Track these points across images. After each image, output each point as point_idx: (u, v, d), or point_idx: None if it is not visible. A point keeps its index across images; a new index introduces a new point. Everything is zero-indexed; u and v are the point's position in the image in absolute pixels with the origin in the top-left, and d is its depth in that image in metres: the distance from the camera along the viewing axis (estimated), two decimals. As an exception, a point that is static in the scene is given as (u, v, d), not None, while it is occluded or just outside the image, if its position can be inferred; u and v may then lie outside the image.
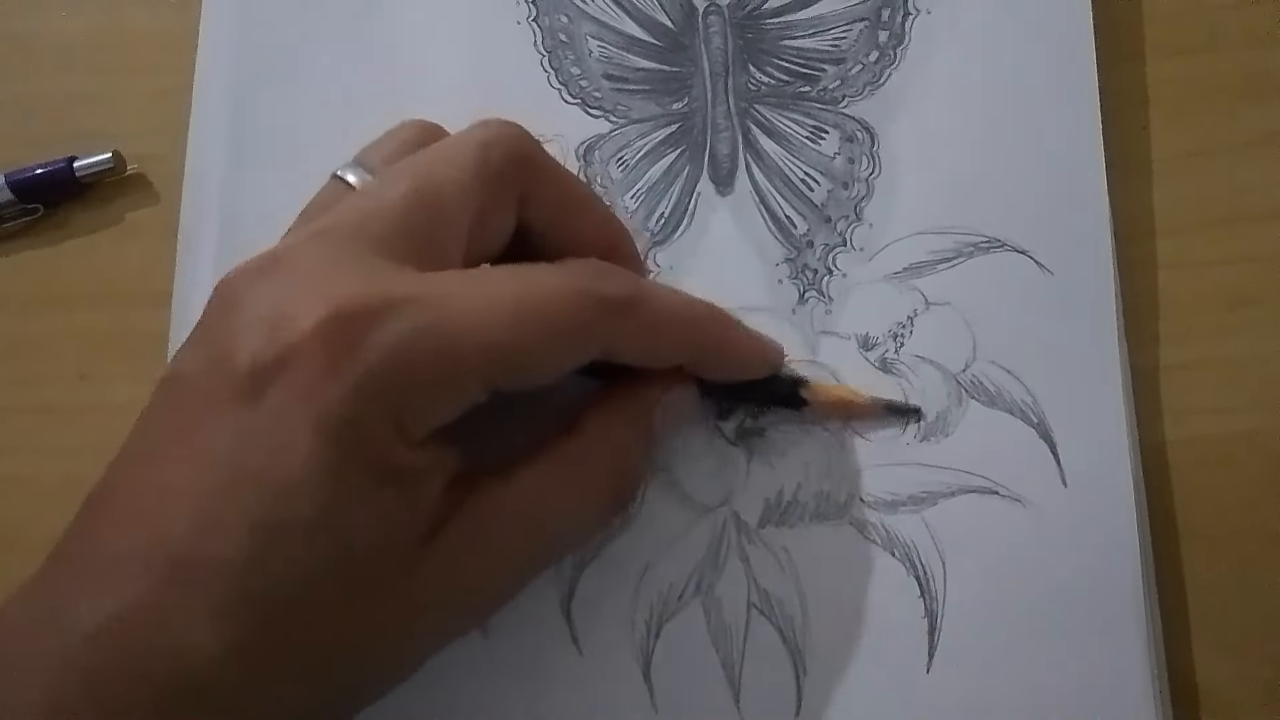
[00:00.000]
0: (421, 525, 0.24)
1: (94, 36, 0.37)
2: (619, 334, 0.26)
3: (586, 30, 0.34)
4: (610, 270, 0.27)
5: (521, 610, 0.29)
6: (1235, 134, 0.32)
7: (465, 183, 0.26)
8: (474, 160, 0.26)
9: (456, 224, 0.26)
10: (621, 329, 0.26)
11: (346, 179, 0.27)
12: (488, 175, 0.26)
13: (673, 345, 0.27)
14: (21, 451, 0.34)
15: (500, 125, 0.27)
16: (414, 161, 0.26)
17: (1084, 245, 0.30)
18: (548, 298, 0.25)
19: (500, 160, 0.26)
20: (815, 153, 0.32)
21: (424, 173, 0.26)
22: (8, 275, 0.35)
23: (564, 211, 0.28)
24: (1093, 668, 0.27)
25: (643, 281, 0.28)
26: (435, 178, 0.26)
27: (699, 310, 0.28)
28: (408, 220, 0.25)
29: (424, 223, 0.25)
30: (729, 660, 0.29)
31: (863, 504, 0.29)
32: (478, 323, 0.24)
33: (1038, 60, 0.32)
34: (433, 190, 0.25)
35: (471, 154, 0.26)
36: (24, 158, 0.35)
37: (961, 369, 0.30)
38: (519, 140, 0.27)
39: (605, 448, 0.27)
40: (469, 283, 0.25)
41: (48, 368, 0.34)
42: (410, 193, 0.25)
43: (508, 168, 0.26)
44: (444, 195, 0.25)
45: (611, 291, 0.25)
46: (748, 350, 0.29)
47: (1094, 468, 0.29)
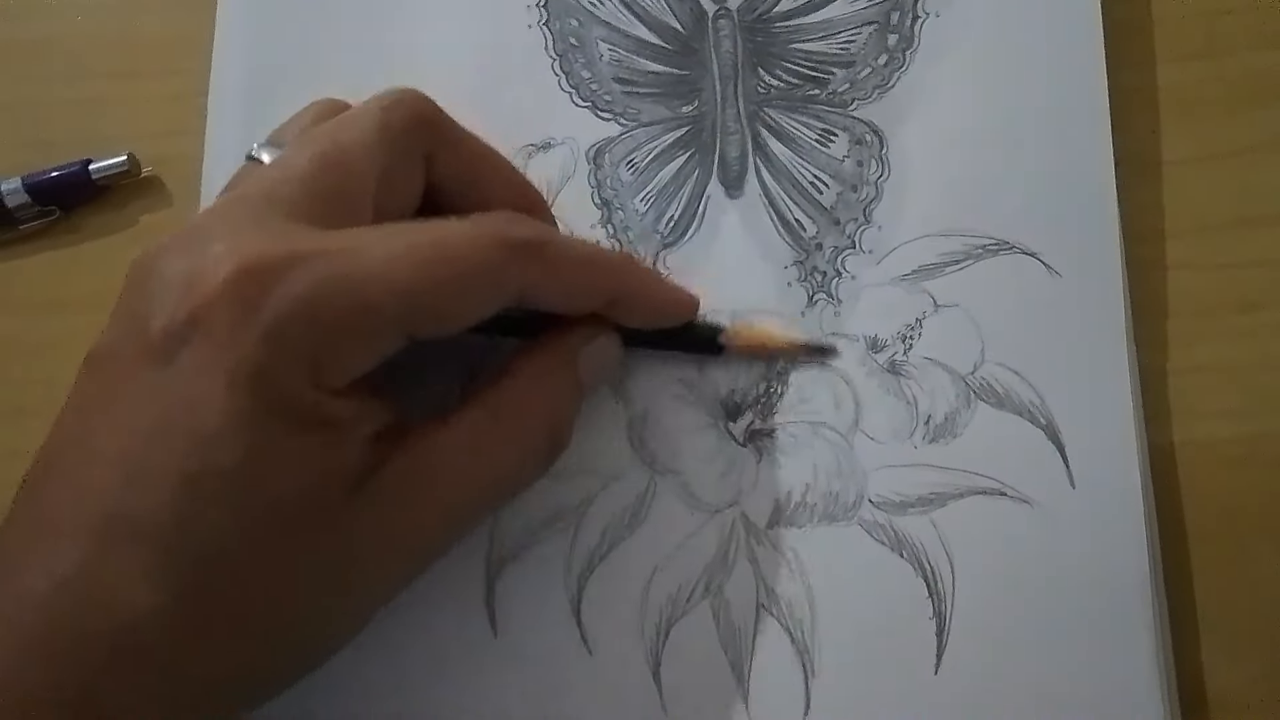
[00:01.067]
0: (348, 474, 0.24)
1: (109, 41, 0.37)
2: (529, 276, 0.26)
3: (597, 34, 0.34)
4: (519, 218, 0.27)
5: (531, 611, 0.29)
6: (1244, 138, 0.32)
7: (368, 144, 0.26)
8: (376, 123, 0.27)
9: (363, 184, 0.26)
10: (531, 271, 0.26)
11: (259, 157, 0.28)
12: (390, 136, 0.27)
13: (585, 288, 0.28)
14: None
15: (401, 91, 0.28)
16: (318, 130, 0.27)
17: (1093, 248, 0.30)
18: (456, 242, 0.25)
19: (402, 121, 0.27)
20: (824, 156, 0.32)
21: (328, 138, 0.27)
22: (25, 277, 0.36)
23: (472, 170, 0.29)
24: (1101, 669, 0.27)
25: (552, 229, 0.29)
26: (339, 141, 0.26)
27: (612, 256, 0.29)
28: (313, 183, 0.26)
29: (330, 184, 0.26)
30: (738, 661, 0.29)
31: (871, 505, 0.29)
32: (385, 269, 0.24)
33: (1047, 63, 0.32)
34: (336, 153, 0.26)
35: (373, 117, 0.27)
36: (40, 161, 0.35)
37: (970, 371, 0.30)
38: (419, 102, 0.28)
39: (532, 396, 0.28)
40: (377, 234, 0.25)
41: (64, 370, 0.34)
42: (315, 156, 0.26)
43: (410, 128, 0.27)
44: (348, 157, 0.26)
45: (521, 234, 0.26)
46: (663, 296, 0.30)
47: (1102, 470, 0.29)
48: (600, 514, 0.30)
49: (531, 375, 0.28)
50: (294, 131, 0.29)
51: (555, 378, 0.28)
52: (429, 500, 0.26)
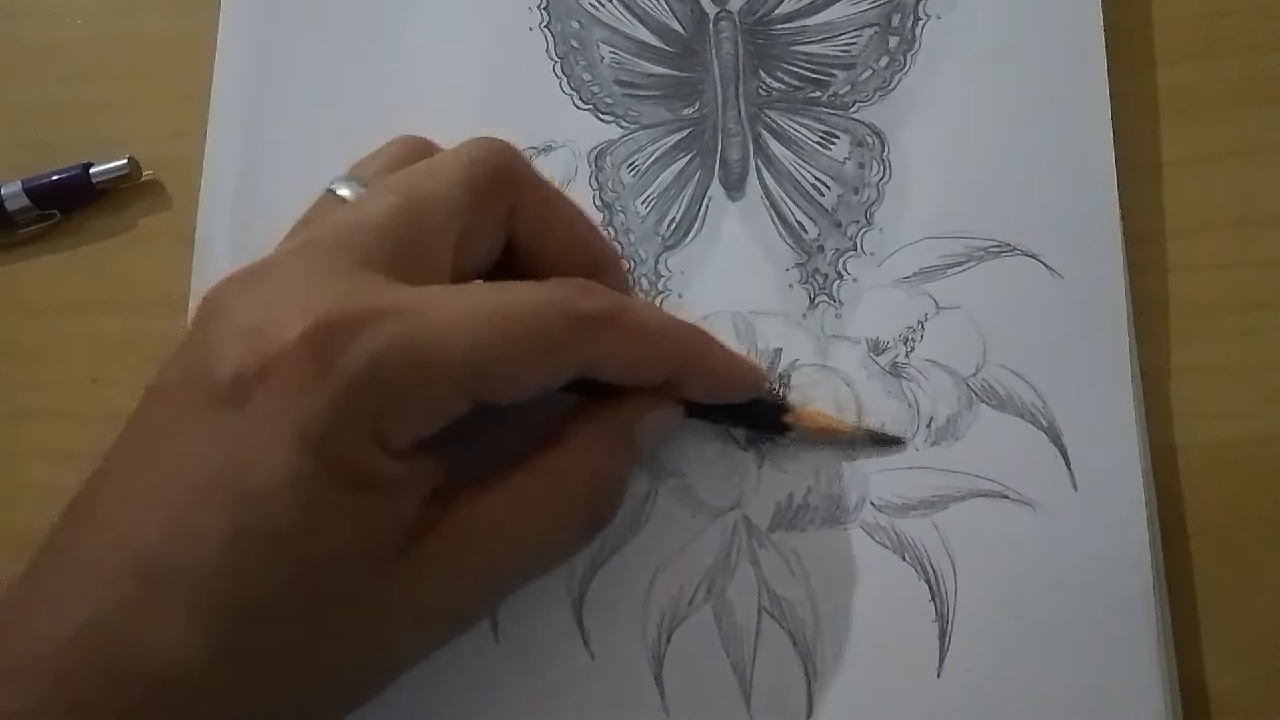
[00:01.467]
0: (398, 536, 0.24)
1: (111, 44, 0.37)
2: (598, 350, 0.26)
3: (598, 36, 0.34)
4: (591, 287, 0.27)
5: (533, 614, 0.29)
6: (1244, 139, 0.32)
7: (453, 197, 0.26)
8: (462, 175, 0.26)
9: (443, 238, 0.26)
10: (600, 345, 0.26)
11: (339, 192, 0.28)
12: (475, 190, 0.26)
13: (653, 363, 0.27)
14: (34, 455, 0.34)
15: (489, 142, 0.27)
16: (403, 176, 0.27)
17: (1094, 249, 0.30)
18: (527, 311, 0.25)
19: (488, 176, 0.26)
20: (826, 158, 0.32)
21: (412, 187, 0.26)
22: (24, 280, 0.36)
23: (551, 227, 0.28)
24: (1103, 671, 0.27)
25: (624, 298, 0.28)
26: (423, 192, 0.26)
27: (680, 328, 0.28)
28: (393, 233, 0.25)
29: (409, 236, 0.25)
30: (740, 664, 0.29)
31: (873, 508, 0.29)
32: (456, 334, 0.24)
33: (1048, 65, 0.32)
34: (419, 204, 0.26)
35: (460, 170, 0.26)
36: (41, 164, 0.35)
37: (972, 373, 0.30)
38: (507, 156, 0.27)
39: (584, 465, 0.27)
40: (450, 296, 0.25)
41: (61, 372, 0.34)
42: (397, 206, 0.25)
43: (496, 183, 0.27)
44: (430, 209, 0.26)
45: (591, 307, 0.25)
46: (730, 371, 0.29)
47: (1104, 471, 0.29)
48: (602, 517, 0.30)
49: (585, 441, 0.27)
50: (375, 169, 0.28)
51: (608, 448, 0.27)
52: (474, 562, 0.25)
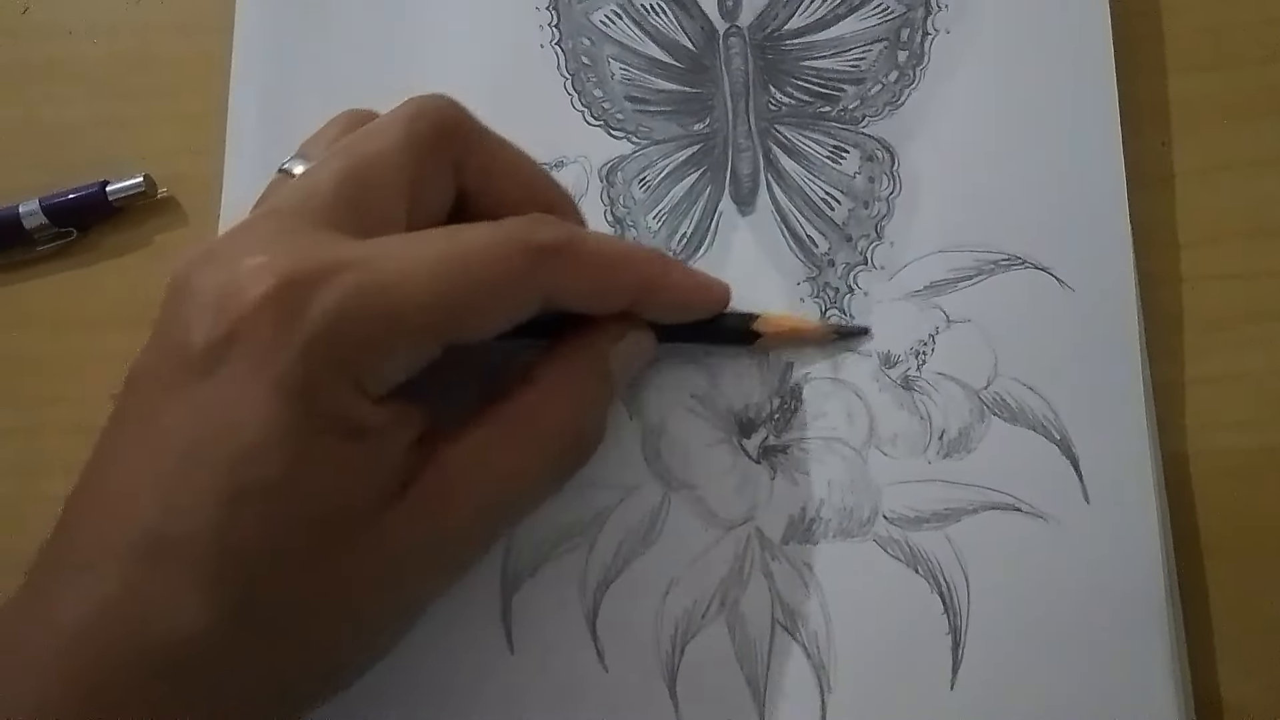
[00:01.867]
0: (389, 481, 0.25)
1: (126, 64, 0.37)
2: (557, 279, 0.26)
3: (609, 53, 0.34)
4: (543, 219, 0.27)
5: (548, 626, 0.30)
6: (1255, 149, 0.32)
7: (396, 154, 0.26)
8: (404, 132, 0.27)
9: (392, 194, 0.26)
10: (559, 274, 0.26)
11: (291, 170, 0.28)
12: (417, 144, 0.27)
13: (613, 287, 0.28)
14: (53, 471, 0.34)
15: (430, 98, 0.28)
16: (346, 141, 0.27)
17: (1105, 261, 0.30)
18: (483, 248, 0.25)
19: (429, 129, 0.27)
20: (836, 172, 0.33)
21: (356, 149, 0.27)
22: (41, 297, 0.36)
23: (499, 175, 0.29)
24: (1117, 683, 0.27)
25: (577, 228, 0.29)
26: (367, 151, 0.27)
27: (638, 252, 0.29)
28: (343, 194, 0.26)
29: (359, 195, 0.26)
30: (753, 676, 0.29)
31: (886, 520, 0.29)
32: (418, 278, 0.24)
33: (1057, 78, 0.32)
34: (364, 164, 0.26)
35: (401, 127, 0.27)
36: (58, 182, 0.36)
37: (983, 386, 0.30)
38: (447, 109, 0.28)
39: (562, 396, 0.28)
40: (407, 243, 0.26)
41: (79, 388, 0.35)
42: (344, 168, 0.26)
43: (437, 136, 0.27)
44: (376, 167, 0.26)
45: (545, 237, 0.26)
46: (692, 289, 0.29)
47: (1116, 483, 0.29)
48: (615, 529, 0.30)
49: (560, 378, 0.28)
50: (323, 143, 0.29)
51: (582, 380, 0.28)
52: (464, 505, 0.26)
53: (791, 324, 0.30)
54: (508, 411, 0.27)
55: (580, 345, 0.28)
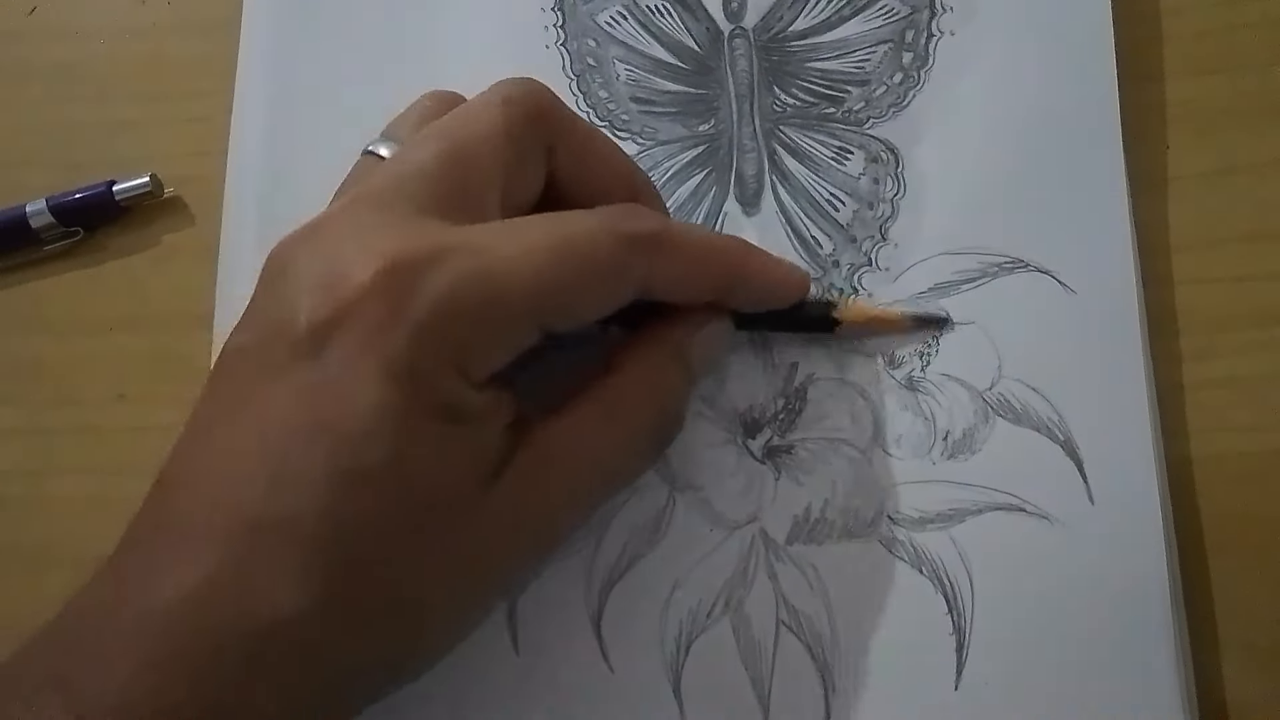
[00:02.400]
0: (486, 465, 0.25)
1: (133, 65, 0.37)
2: (652, 268, 0.27)
3: (614, 54, 0.34)
4: (637, 210, 0.28)
5: (553, 627, 0.30)
6: (1257, 152, 0.32)
7: (493, 138, 0.27)
8: (500, 116, 0.27)
9: (489, 179, 0.27)
10: (654, 263, 0.27)
11: (378, 152, 0.28)
12: (514, 129, 0.27)
13: (703, 276, 0.28)
14: (62, 471, 0.34)
15: (521, 81, 0.28)
16: (441, 124, 0.27)
17: (1107, 264, 0.30)
18: (584, 238, 0.26)
19: (524, 114, 0.27)
20: (840, 173, 0.33)
21: (453, 133, 0.27)
22: (48, 297, 0.36)
23: (589, 160, 0.29)
24: (1121, 684, 0.28)
25: (667, 219, 0.29)
26: (464, 136, 0.27)
27: (725, 241, 0.30)
28: (442, 178, 0.26)
29: (458, 180, 0.26)
30: (758, 677, 0.29)
31: (890, 521, 0.30)
32: (522, 265, 0.24)
33: (1060, 81, 0.32)
34: (462, 148, 0.26)
35: (496, 111, 0.27)
36: (65, 182, 0.36)
37: (987, 387, 0.30)
38: (540, 94, 0.28)
39: (644, 383, 0.28)
40: (509, 230, 0.26)
41: (87, 388, 0.35)
42: (441, 153, 0.26)
43: (533, 121, 0.27)
44: (474, 152, 0.26)
45: (641, 228, 0.26)
46: (776, 277, 0.30)
47: (1120, 484, 0.29)
48: (620, 529, 0.30)
49: (644, 361, 0.28)
50: (409, 126, 0.29)
51: (663, 368, 0.28)
52: (555, 488, 0.26)
53: (872, 313, 0.31)
54: (596, 396, 0.27)
55: (663, 334, 0.29)
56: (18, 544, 0.34)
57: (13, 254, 0.36)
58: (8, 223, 0.36)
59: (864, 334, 0.31)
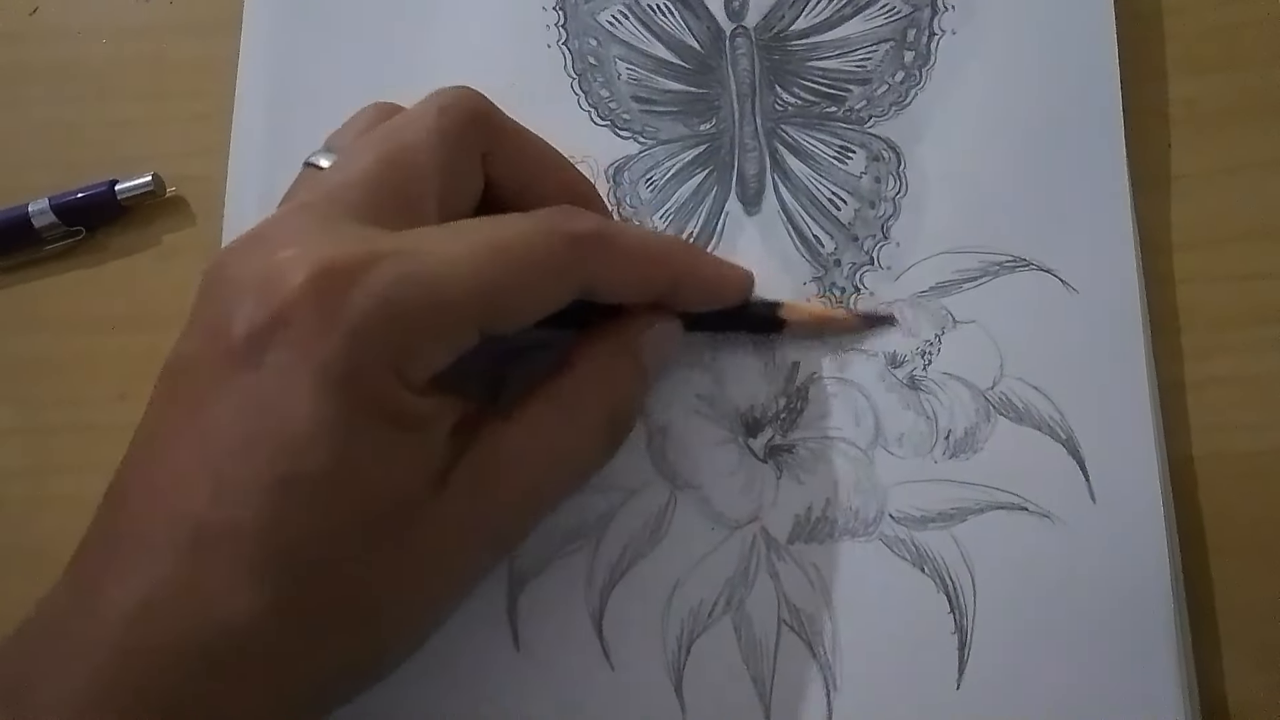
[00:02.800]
0: (432, 467, 0.25)
1: (134, 65, 0.37)
2: (593, 269, 0.27)
3: (615, 53, 0.34)
4: (576, 211, 0.28)
5: (554, 625, 0.30)
6: (1259, 151, 0.32)
7: (429, 145, 0.27)
8: (434, 122, 0.27)
9: (425, 184, 0.27)
10: (595, 263, 0.27)
11: (318, 163, 0.28)
12: (448, 135, 0.27)
13: (646, 276, 0.28)
14: (63, 470, 0.34)
15: (456, 90, 0.28)
16: (376, 133, 0.28)
17: (1109, 263, 0.30)
18: (522, 238, 0.26)
19: (459, 120, 0.27)
20: (842, 172, 0.33)
21: (388, 140, 0.27)
22: (50, 296, 0.36)
23: (527, 165, 0.29)
24: (1123, 683, 0.28)
25: (608, 219, 0.30)
26: (399, 143, 0.27)
27: (668, 241, 0.30)
28: (378, 185, 0.26)
29: (393, 186, 0.26)
30: (760, 676, 0.29)
31: (892, 520, 0.30)
32: (459, 267, 0.25)
33: (1062, 79, 0.32)
34: (398, 155, 0.26)
35: (431, 118, 0.27)
36: (67, 181, 0.36)
37: (989, 386, 0.30)
38: (475, 100, 0.28)
39: (596, 380, 0.28)
40: (447, 233, 0.26)
41: (89, 388, 0.35)
42: (377, 160, 0.26)
43: (467, 127, 0.28)
44: (409, 158, 0.27)
45: (578, 227, 0.27)
46: (721, 277, 0.30)
47: (1122, 483, 0.29)
48: (621, 528, 0.30)
49: (590, 363, 0.28)
50: (349, 136, 0.29)
51: (614, 365, 0.29)
52: (506, 488, 0.26)
53: (817, 311, 0.31)
54: (547, 394, 0.27)
55: (611, 333, 0.29)
56: (18, 543, 0.34)
57: (14, 253, 0.36)
58: (10, 222, 0.36)
59: (814, 334, 0.31)
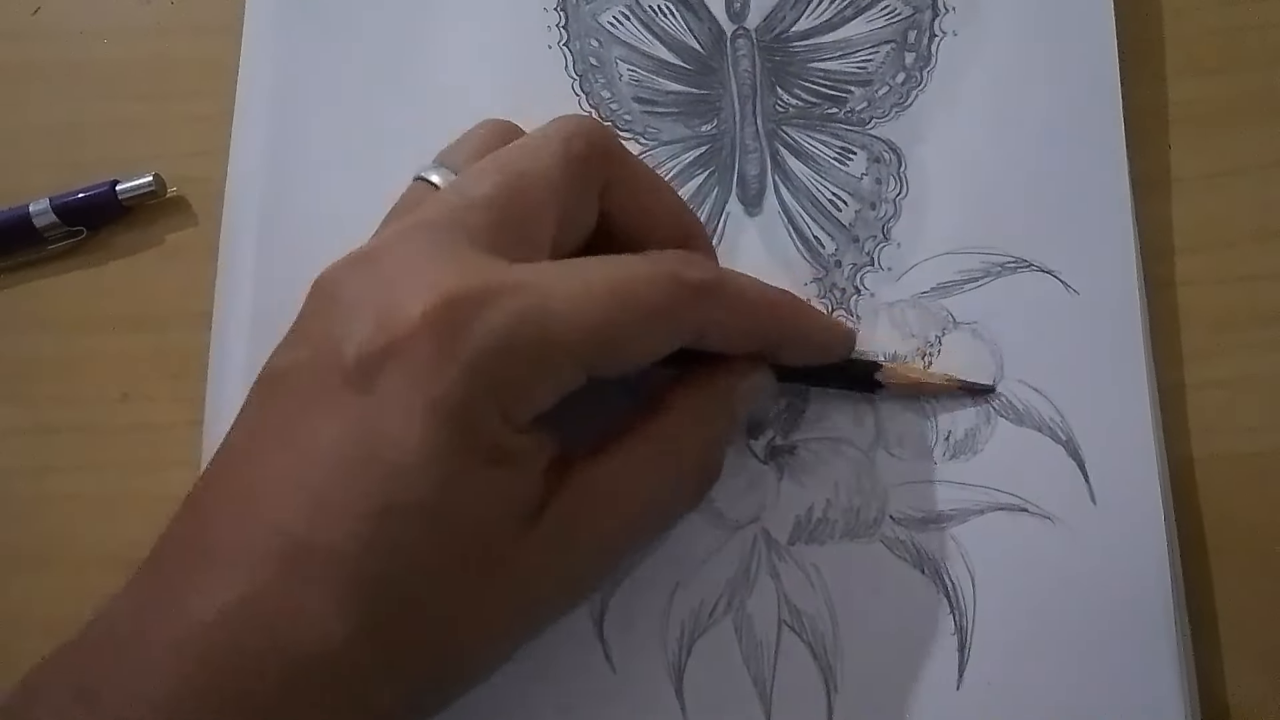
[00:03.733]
0: (528, 505, 0.25)
1: (137, 64, 0.37)
2: (708, 318, 0.27)
3: (617, 54, 0.35)
4: (694, 258, 0.28)
5: (555, 628, 0.29)
6: (1259, 153, 0.32)
7: (551, 175, 0.26)
8: (558, 153, 0.27)
9: (545, 215, 0.26)
10: (710, 313, 0.27)
11: (430, 179, 0.28)
12: (572, 167, 0.27)
13: (756, 329, 0.28)
14: (66, 470, 0.34)
15: (581, 119, 0.28)
16: (499, 156, 0.27)
17: (1110, 264, 0.30)
18: (640, 283, 0.25)
19: (582, 152, 0.27)
20: (843, 173, 0.33)
21: (511, 167, 0.26)
22: (52, 296, 0.36)
23: (643, 200, 0.29)
24: (1123, 684, 0.28)
25: (724, 268, 0.29)
26: (522, 171, 0.26)
27: (778, 295, 0.29)
28: (498, 213, 0.26)
29: (515, 215, 0.26)
30: (760, 677, 0.29)
31: (893, 521, 0.30)
32: (576, 308, 0.24)
33: (1063, 81, 0.32)
34: (521, 183, 0.26)
35: (555, 147, 0.27)
36: (69, 181, 0.36)
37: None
38: (599, 132, 0.28)
39: (691, 428, 0.28)
40: (565, 271, 0.25)
41: (91, 387, 0.35)
42: (499, 186, 0.26)
43: (590, 159, 0.27)
44: (532, 188, 0.26)
45: (698, 276, 0.26)
46: (826, 334, 0.30)
47: (1122, 485, 0.29)
48: (622, 529, 0.30)
49: (688, 411, 0.28)
50: (464, 154, 0.29)
51: (711, 415, 0.28)
52: (593, 531, 0.26)
53: (915, 377, 0.30)
54: (638, 440, 0.27)
55: (708, 381, 0.28)
56: (19, 543, 0.34)
57: (16, 253, 0.36)
58: (11, 222, 0.36)
59: (908, 395, 0.30)
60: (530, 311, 0.24)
